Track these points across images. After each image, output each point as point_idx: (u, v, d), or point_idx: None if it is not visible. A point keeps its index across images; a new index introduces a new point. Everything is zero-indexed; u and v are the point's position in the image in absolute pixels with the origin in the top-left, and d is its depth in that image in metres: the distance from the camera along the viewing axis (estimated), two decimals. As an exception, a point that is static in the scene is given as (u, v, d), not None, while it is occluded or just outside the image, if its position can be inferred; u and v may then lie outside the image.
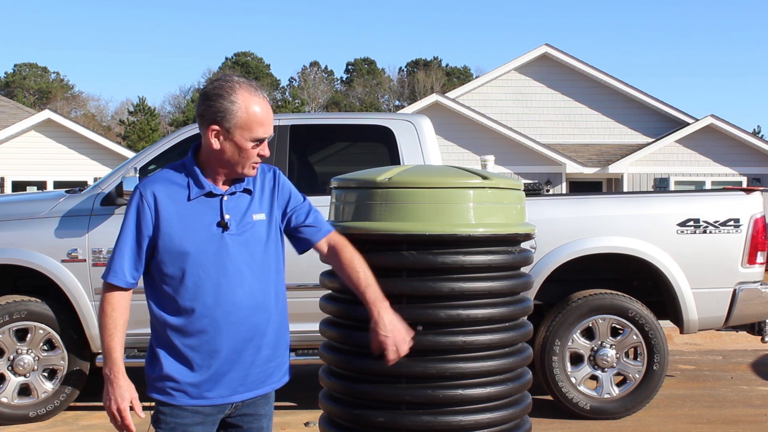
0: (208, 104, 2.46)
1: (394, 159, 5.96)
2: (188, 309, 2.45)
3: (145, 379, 2.54)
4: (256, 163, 2.54)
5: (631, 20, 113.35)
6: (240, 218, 2.51)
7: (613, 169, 21.32)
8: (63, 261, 5.68)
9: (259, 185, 2.60)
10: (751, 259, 5.92)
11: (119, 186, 5.58)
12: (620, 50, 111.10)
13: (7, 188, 20.73)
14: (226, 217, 2.49)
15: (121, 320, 2.46)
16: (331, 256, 2.64)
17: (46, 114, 21.54)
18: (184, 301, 2.45)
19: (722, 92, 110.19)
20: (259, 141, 2.49)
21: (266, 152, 2.52)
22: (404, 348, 2.52)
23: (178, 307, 2.46)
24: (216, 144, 2.46)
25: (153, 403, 2.54)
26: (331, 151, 7.14)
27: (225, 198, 2.51)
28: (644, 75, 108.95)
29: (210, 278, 2.45)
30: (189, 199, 2.48)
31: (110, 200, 5.71)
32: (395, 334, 2.50)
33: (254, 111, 2.46)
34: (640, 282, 6.21)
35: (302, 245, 2.68)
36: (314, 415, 5.27)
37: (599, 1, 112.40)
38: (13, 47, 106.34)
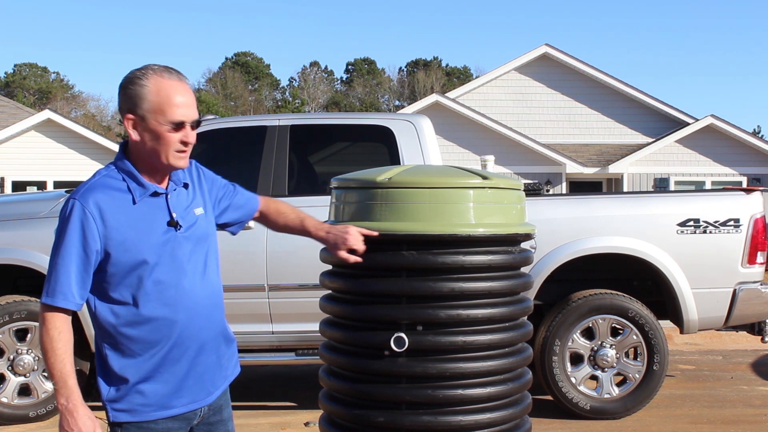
0: (122, 94, 2.33)
1: (394, 159, 5.95)
2: (150, 317, 2.31)
3: (103, 403, 2.36)
4: (181, 152, 2.35)
5: (632, 20, 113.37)
6: (185, 215, 2.41)
7: (613, 169, 21.32)
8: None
9: (190, 179, 2.52)
10: (751, 259, 5.92)
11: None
12: (620, 50, 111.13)
13: (7, 188, 20.73)
14: (174, 215, 2.38)
15: (69, 344, 2.26)
16: (263, 218, 2.77)
17: (46, 114, 21.55)
18: (145, 310, 2.30)
19: (722, 92, 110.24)
20: (177, 125, 2.31)
21: (189, 138, 2.34)
22: (349, 239, 2.62)
23: (139, 317, 2.31)
24: (135, 134, 2.31)
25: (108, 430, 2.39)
26: (331, 151, 7.14)
27: (169, 195, 2.40)
28: (644, 75, 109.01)
29: (171, 282, 2.33)
30: (134, 203, 2.33)
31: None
32: (336, 233, 2.65)
33: (166, 92, 2.29)
34: (640, 282, 6.21)
35: (239, 227, 2.74)
36: (314, 415, 5.27)
37: (599, 1, 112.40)
38: (13, 47, 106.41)
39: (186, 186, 2.48)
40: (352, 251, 2.65)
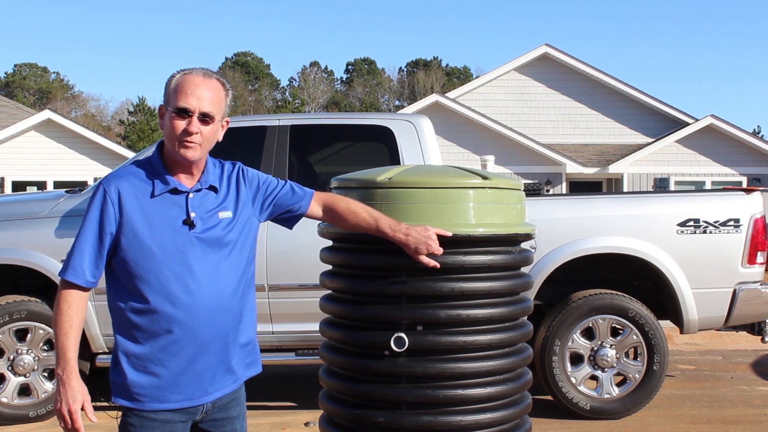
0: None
1: (394, 159, 5.95)
2: (153, 309, 2.37)
3: (110, 385, 2.45)
4: (186, 141, 2.39)
5: (632, 21, 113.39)
6: (206, 216, 2.44)
7: (613, 169, 21.32)
8: (63, 261, 5.67)
9: (225, 183, 2.54)
10: (751, 259, 5.92)
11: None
12: (620, 50, 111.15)
13: (7, 188, 20.73)
14: (192, 215, 2.41)
15: (77, 319, 2.36)
16: (328, 213, 2.69)
17: (46, 114, 21.55)
18: (149, 301, 2.36)
19: (722, 92, 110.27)
20: (181, 112, 2.37)
21: (192, 128, 2.37)
22: (431, 244, 2.55)
23: (143, 308, 2.37)
24: (161, 125, 2.47)
25: (119, 412, 2.45)
26: (331, 151, 7.14)
27: (191, 195, 2.44)
28: (644, 75, 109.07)
29: (176, 278, 2.37)
30: (153, 196, 2.40)
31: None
32: (417, 236, 2.56)
33: (182, 83, 2.41)
34: (640, 282, 6.21)
35: (294, 220, 2.71)
36: (314, 415, 5.27)
37: (599, 1, 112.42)
38: (13, 47, 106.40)
39: (215, 189, 2.51)
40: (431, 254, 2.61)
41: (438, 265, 2.57)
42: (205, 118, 2.40)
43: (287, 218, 2.71)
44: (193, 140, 2.39)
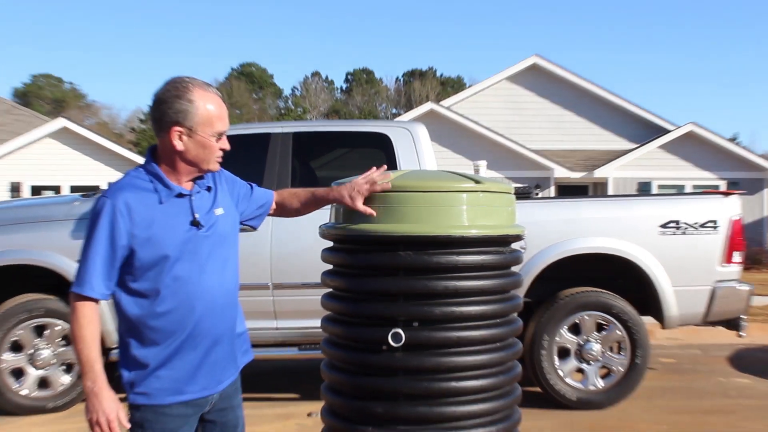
0: (166, 107, 2.38)
1: (391, 164, 5.96)
2: (170, 309, 2.37)
3: (124, 386, 2.42)
4: (219, 158, 2.48)
5: (617, 31, 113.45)
6: (206, 215, 2.47)
7: (599, 173, 21.31)
8: (78, 261, 5.67)
9: (215, 181, 2.59)
10: (729, 259, 5.93)
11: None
12: (606, 59, 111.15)
13: (25, 192, 20.70)
14: (197, 215, 2.44)
15: (97, 332, 2.34)
16: (278, 206, 2.85)
17: (61, 122, 21.49)
18: (165, 303, 2.37)
19: (703, 100, 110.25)
20: (221, 135, 2.46)
21: (227, 146, 2.47)
22: (359, 186, 2.63)
23: (159, 309, 2.37)
24: (179, 145, 2.39)
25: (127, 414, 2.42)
26: (331, 157, 7.15)
27: (193, 197, 2.47)
28: (629, 83, 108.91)
29: (190, 277, 2.39)
30: (160, 203, 2.40)
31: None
32: (346, 186, 2.67)
33: (212, 107, 2.41)
34: (624, 280, 6.22)
35: (261, 218, 2.84)
36: (316, 406, 5.26)
37: (586, 13, 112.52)
38: (31, 59, 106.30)
39: (209, 189, 2.54)
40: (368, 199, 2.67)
41: (374, 213, 2.63)
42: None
43: (257, 216, 2.81)
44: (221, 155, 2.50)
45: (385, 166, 2.79)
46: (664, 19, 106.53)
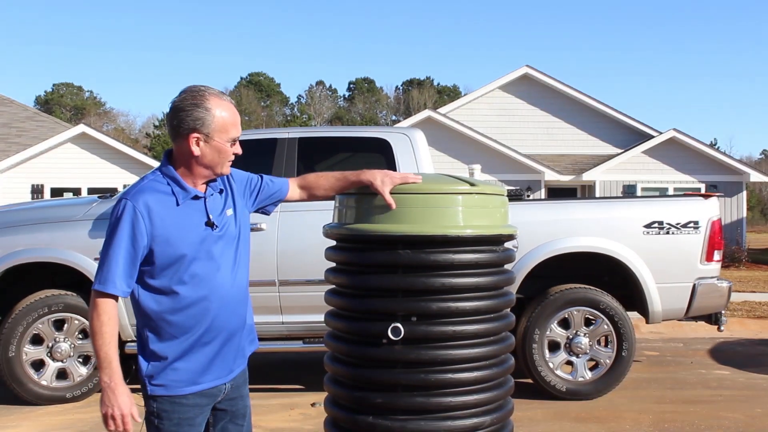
0: (184, 115, 2.37)
1: (390, 168, 5.94)
2: (187, 306, 2.37)
3: (142, 380, 2.41)
4: (231, 162, 2.49)
5: (604, 40, 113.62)
6: (219, 216, 2.47)
7: (587, 176, 21.32)
8: (95, 259, 5.66)
9: (225, 183, 2.58)
10: (709, 257, 5.92)
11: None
12: (593, 67, 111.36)
13: (47, 194, 20.71)
14: (211, 216, 2.43)
15: (115, 329, 2.32)
16: (305, 190, 2.82)
17: (80, 128, 21.48)
18: (183, 300, 2.36)
19: (684, 107, 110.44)
20: (235, 141, 2.46)
21: (239, 150, 2.47)
22: (390, 178, 2.61)
23: (177, 306, 2.37)
24: (197, 150, 2.38)
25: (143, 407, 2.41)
26: (334, 161, 7.13)
27: (207, 199, 2.46)
28: (615, 90, 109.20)
29: (206, 275, 2.39)
30: (178, 204, 2.39)
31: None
32: (379, 172, 2.64)
33: (227, 114, 2.41)
34: (611, 277, 6.21)
35: (275, 205, 2.80)
36: (320, 397, 5.26)
37: (575, 25, 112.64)
38: (52, 68, 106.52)
39: (221, 191, 2.53)
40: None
41: (394, 205, 2.59)
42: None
43: (271, 204, 2.78)
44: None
45: (420, 177, 2.73)
46: (651, 29, 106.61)
